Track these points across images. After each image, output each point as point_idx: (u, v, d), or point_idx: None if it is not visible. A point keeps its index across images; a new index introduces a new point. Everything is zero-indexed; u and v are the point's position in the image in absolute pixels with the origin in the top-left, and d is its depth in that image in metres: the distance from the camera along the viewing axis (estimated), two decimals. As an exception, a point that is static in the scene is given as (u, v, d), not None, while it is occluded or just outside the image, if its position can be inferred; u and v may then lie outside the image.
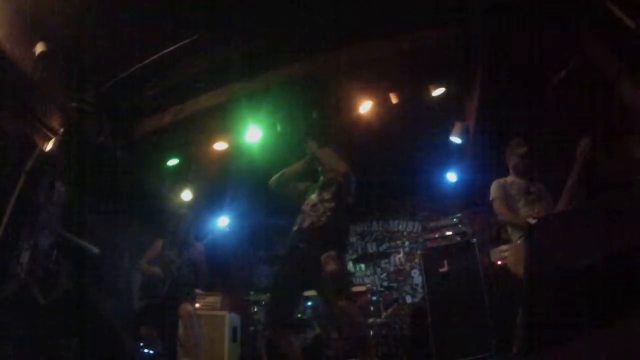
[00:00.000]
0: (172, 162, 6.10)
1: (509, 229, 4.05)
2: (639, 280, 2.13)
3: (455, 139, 5.88)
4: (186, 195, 6.35)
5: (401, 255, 7.45)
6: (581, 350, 2.25)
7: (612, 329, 2.18)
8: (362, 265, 7.48)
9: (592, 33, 3.34)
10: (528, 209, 3.91)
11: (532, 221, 3.77)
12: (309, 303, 5.81)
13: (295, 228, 3.55)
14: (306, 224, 3.47)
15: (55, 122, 4.67)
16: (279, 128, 5.36)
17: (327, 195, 3.59)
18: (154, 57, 4.68)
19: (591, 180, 3.44)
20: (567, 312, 2.52)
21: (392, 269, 7.38)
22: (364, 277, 7.39)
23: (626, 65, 3.10)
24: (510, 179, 4.19)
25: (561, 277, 2.60)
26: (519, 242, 3.80)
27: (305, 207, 3.61)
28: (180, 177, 6.33)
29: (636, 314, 2.07)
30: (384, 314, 6.02)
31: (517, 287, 3.85)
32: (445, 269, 5.53)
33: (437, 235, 6.20)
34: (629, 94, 3.05)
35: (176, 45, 4.56)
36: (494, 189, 4.11)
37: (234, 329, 6.00)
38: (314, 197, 3.66)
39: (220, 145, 5.93)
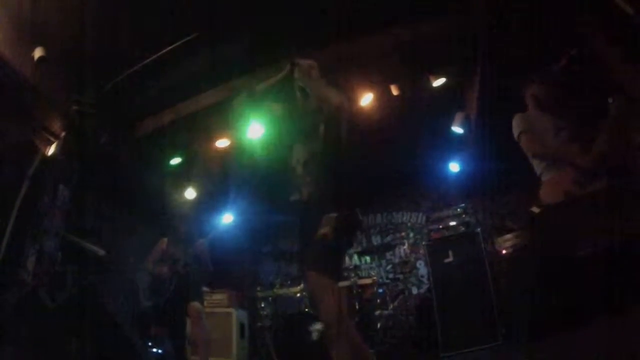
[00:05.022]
0: (175, 160, 6.11)
1: (540, 167, 3.35)
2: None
3: (457, 129, 5.87)
4: (189, 193, 6.37)
5: (406, 246, 7.44)
6: (586, 337, 2.27)
7: (616, 316, 2.19)
8: (367, 258, 7.48)
9: (592, 20, 3.32)
10: (565, 148, 3.25)
11: (536, 210, 3.74)
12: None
13: (294, 197, 2.93)
14: (304, 194, 2.85)
15: (56, 126, 4.68)
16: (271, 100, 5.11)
17: (317, 146, 2.86)
18: (154, 56, 4.67)
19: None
20: (572, 300, 2.53)
21: (397, 260, 7.38)
22: (369, 270, 7.39)
23: (626, 53, 3.08)
24: (529, 112, 3.58)
25: (566, 265, 2.61)
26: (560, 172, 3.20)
27: (296, 165, 2.94)
28: (183, 175, 6.34)
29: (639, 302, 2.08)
30: (390, 306, 6.04)
31: (522, 275, 3.84)
32: (450, 259, 5.53)
33: (441, 226, 6.19)
34: (629, 82, 3.03)
35: (176, 44, 4.55)
36: (518, 123, 3.46)
37: (242, 326, 6.03)
38: (301, 149, 2.96)
39: (222, 143, 5.93)
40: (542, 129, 3.36)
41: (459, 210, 6.22)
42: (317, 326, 5.18)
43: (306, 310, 5.58)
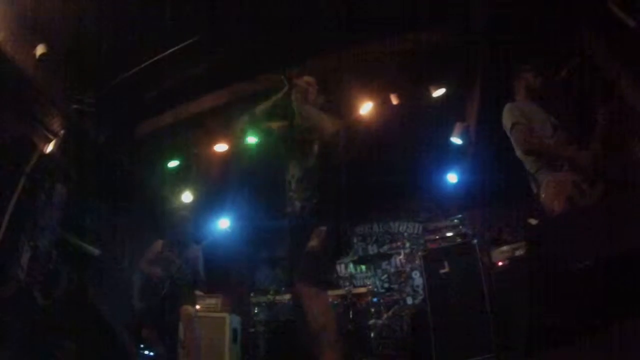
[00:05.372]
0: (173, 163, 6.10)
1: (535, 164, 3.06)
2: (639, 282, 2.12)
3: (456, 140, 5.88)
4: (187, 196, 6.35)
5: (402, 256, 7.42)
6: (583, 350, 2.25)
7: (613, 330, 2.18)
8: (363, 267, 7.46)
9: (592, 32, 3.34)
10: (561, 146, 2.99)
11: (533, 222, 3.73)
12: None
13: (288, 210, 3.03)
14: (297, 208, 2.95)
15: (55, 124, 4.67)
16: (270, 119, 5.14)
17: (311, 161, 2.99)
18: (154, 58, 4.67)
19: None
20: (569, 312, 2.51)
21: (392, 270, 7.36)
22: (364, 279, 7.37)
23: (627, 65, 3.09)
24: (521, 103, 3.28)
25: (563, 278, 2.59)
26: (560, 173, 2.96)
27: (290, 180, 3.04)
28: (181, 178, 6.33)
29: (637, 315, 2.07)
30: (384, 316, 6.00)
31: (518, 287, 3.81)
32: (446, 270, 5.49)
33: (437, 237, 6.17)
34: (629, 93, 3.04)
35: (177, 47, 4.56)
36: (511, 114, 3.15)
37: (235, 331, 5.99)
38: (296, 166, 3.06)
39: (220, 147, 5.93)
40: (539, 123, 3.10)
41: (456, 221, 6.20)
42: None
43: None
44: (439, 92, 5.23)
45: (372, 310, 6.05)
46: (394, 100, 5.33)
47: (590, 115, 3.07)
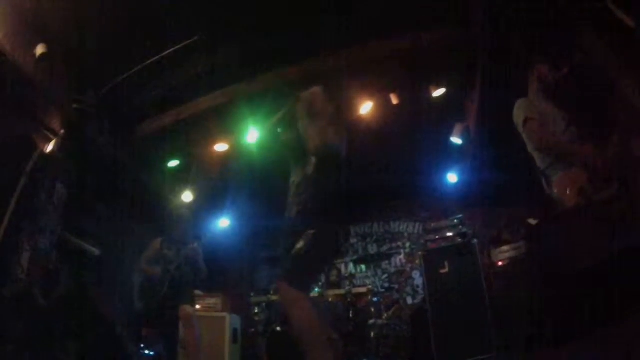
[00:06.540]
0: (173, 163, 6.11)
1: (546, 161, 3.00)
2: (638, 282, 2.13)
3: (456, 140, 5.88)
4: (187, 196, 6.35)
5: (402, 256, 7.43)
6: (582, 349, 2.25)
7: (614, 328, 2.18)
8: (363, 267, 7.47)
9: (592, 32, 3.33)
10: (575, 144, 2.89)
11: (533, 222, 3.72)
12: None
13: (286, 214, 3.07)
14: (293, 212, 2.99)
15: (55, 124, 4.67)
16: (279, 129, 5.32)
17: (310, 169, 3.03)
18: (154, 58, 4.68)
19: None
20: (568, 312, 2.51)
21: (392, 270, 7.37)
22: (364, 279, 7.38)
23: (627, 64, 3.09)
24: (533, 98, 3.17)
25: (563, 278, 2.60)
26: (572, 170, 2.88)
27: (291, 185, 3.13)
28: (181, 178, 6.33)
29: (636, 314, 2.07)
30: (384, 316, 6.01)
31: (518, 287, 3.81)
32: (446, 270, 5.50)
33: (437, 236, 6.18)
34: (629, 93, 3.04)
35: (176, 47, 4.56)
36: (523, 109, 3.06)
37: (235, 331, 5.98)
38: (298, 172, 3.14)
39: (220, 147, 5.93)
40: (552, 119, 3.00)
41: (456, 221, 6.21)
42: None
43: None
44: (439, 92, 5.23)
45: (373, 309, 6.05)
46: (394, 100, 5.32)
47: (602, 113, 3.04)
